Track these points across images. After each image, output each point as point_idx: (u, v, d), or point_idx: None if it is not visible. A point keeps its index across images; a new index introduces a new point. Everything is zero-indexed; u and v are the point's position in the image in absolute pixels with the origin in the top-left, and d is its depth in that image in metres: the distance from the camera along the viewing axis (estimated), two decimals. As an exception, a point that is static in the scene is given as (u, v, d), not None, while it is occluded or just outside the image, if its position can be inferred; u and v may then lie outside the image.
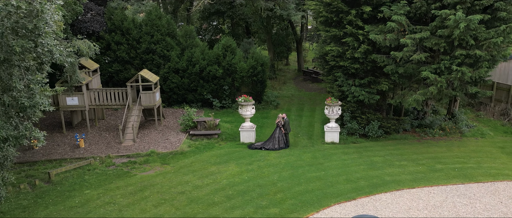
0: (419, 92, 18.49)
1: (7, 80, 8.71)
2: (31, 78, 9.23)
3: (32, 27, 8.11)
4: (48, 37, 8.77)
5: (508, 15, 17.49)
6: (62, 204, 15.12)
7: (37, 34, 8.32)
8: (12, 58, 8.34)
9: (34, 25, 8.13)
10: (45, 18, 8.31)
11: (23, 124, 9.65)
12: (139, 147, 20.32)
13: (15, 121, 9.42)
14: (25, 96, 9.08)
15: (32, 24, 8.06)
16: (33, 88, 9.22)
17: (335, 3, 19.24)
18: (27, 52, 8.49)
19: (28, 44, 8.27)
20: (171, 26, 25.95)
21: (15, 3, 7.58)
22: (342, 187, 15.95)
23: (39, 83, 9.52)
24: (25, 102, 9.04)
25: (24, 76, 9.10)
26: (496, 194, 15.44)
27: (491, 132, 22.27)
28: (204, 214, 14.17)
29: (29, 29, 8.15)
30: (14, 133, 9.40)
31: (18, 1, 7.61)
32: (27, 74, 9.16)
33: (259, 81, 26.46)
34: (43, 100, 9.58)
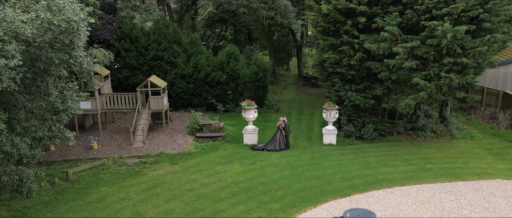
0: (410, 97, 19.85)
1: (44, 87, 10.07)
2: (64, 85, 10.60)
3: (68, 42, 9.48)
4: (79, 50, 10.14)
5: (492, 25, 18.86)
6: (81, 200, 16.47)
7: (71, 48, 9.70)
8: (51, 68, 9.70)
9: (70, 41, 9.50)
10: (80, 34, 9.70)
11: (56, 126, 11.04)
12: (148, 148, 21.67)
13: (49, 123, 10.77)
14: (59, 101, 10.44)
15: (68, 40, 9.43)
16: (66, 94, 10.58)
17: (332, 14, 20.64)
18: (63, 63, 9.86)
19: (65, 57, 9.64)
20: (177, 34, 27.37)
21: (57, 23, 8.96)
22: (338, 185, 17.28)
23: (70, 90, 10.89)
24: (59, 106, 10.40)
25: (57, 84, 10.46)
26: (480, 191, 16.76)
27: (480, 135, 23.60)
28: (212, 209, 15.51)
29: (65, 44, 9.53)
30: (48, 134, 10.76)
31: (59, 21, 8.98)
32: (61, 82, 10.52)
33: (261, 86, 27.85)
34: (73, 105, 10.96)
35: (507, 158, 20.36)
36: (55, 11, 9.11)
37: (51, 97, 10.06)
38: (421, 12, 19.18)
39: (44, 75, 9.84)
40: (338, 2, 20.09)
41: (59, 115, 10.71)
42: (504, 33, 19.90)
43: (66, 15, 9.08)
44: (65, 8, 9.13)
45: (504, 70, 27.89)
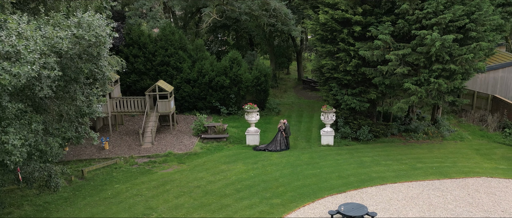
0: (402, 100, 21.25)
1: (73, 93, 11.45)
2: (89, 91, 11.99)
3: (96, 54, 10.88)
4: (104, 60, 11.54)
5: (478, 34, 20.29)
6: (97, 196, 17.86)
7: (98, 58, 11.09)
8: (80, 77, 11.08)
9: (97, 53, 10.89)
10: (105, 47, 11.09)
11: (82, 127, 12.42)
12: (157, 149, 23.07)
13: (75, 124, 12.15)
14: (85, 105, 11.83)
15: (96, 52, 10.83)
16: (91, 99, 11.97)
17: (330, 23, 22.06)
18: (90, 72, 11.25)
19: (92, 67, 11.02)
20: (183, 41, 28.80)
21: (87, 38, 10.34)
22: (335, 182, 18.67)
23: (95, 95, 12.29)
24: (86, 110, 11.79)
25: (84, 90, 11.85)
26: (466, 188, 18.14)
27: (470, 136, 24.99)
28: (218, 204, 16.89)
29: (93, 55, 10.92)
30: (75, 134, 12.14)
31: (89, 36, 10.36)
32: (86, 88, 11.90)
33: (263, 90, 29.26)
34: (98, 108, 12.36)
35: (494, 158, 21.75)
36: (85, 27, 10.52)
37: (78, 101, 11.46)
38: (412, 21, 20.60)
39: (73, 83, 11.22)
40: (335, 12, 21.51)
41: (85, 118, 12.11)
42: (490, 41, 21.28)
43: (95, 31, 10.49)
44: (94, 24, 10.54)
45: (493, 75, 29.38)
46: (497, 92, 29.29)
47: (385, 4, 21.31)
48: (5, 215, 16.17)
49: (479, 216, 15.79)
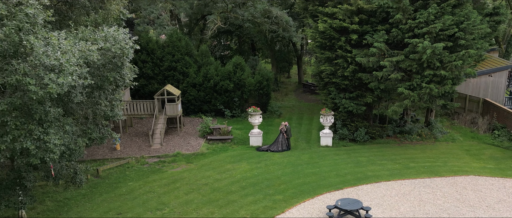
0: (396, 104, 22.69)
1: (98, 98, 12.87)
2: (112, 96, 13.42)
3: (120, 64, 12.31)
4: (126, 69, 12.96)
5: (466, 42, 21.73)
6: (113, 192, 19.29)
7: (121, 68, 12.52)
8: (105, 84, 12.51)
9: (121, 63, 12.32)
10: (128, 57, 12.52)
11: (105, 129, 13.84)
12: (166, 150, 24.51)
13: (99, 126, 13.56)
14: (109, 109, 13.25)
15: (120, 62, 12.26)
16: (114, 104, 13.39)
17: (328, 32, 23.52)
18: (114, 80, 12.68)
19: (116, 75, 12.45)
20: (189, 47, 30.28)
21: (113, 50, 11.75)
22: (333, 180, 20.09)
23: (117, 100, 13.72)
24: (109, 113, 13.21)
25: (107, 95, 13.27)
26: (454, 185, 19.56)
27: (461, 138, 26.41)
28: (225, 200, 18.32)
29: (118, 65, 12.35)
30: (99, 135, 13.56)
31: (115, 49, 11.77)
32: (109, 93, 13.33)
33: (265, 93, 30.71)
34: (119, 111, 13.77)
35: (482, 157, 23.17)
36: (111, 41, 11.93)
37: (102, 106, 12.88)
38: (405, 30, 22.05)
39: (98, 89, 12.64)
40: (333, 22, 22.97)
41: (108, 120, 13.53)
42: (478, 49, 22.71)
43: (119, 44, 11.91)
44: (118, 38, 11.95)
45: (485, 79, 30.84)
46: (488, 96, 30.72)
47: (380, 14, 22.75)
48: (29, 210, 17.59)
49: (465, 210, 17.20)
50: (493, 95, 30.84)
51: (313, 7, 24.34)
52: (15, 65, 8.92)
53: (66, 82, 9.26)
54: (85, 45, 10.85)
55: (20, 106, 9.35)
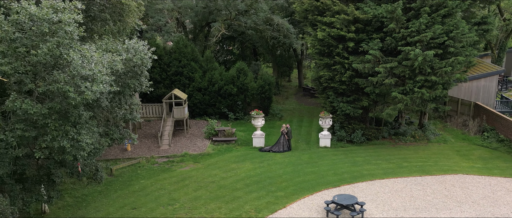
0: (390, 107, 24.22)
1: (119, 102, 14.39)
2: (131, 101, 14.95)
3: (140, 72, 13.83)
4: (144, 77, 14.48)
5: (456, 50, 23.27)
6: (126, 189, 20.81)
7: (141, 75, 14.02)
8: (125, 90, 14.02)
9: (141, 71, 13.83)
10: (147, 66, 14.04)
11: (124, 130, 15.36)
12: (174, 150, 26.03)
13: (119, 128, 15.08)
14: (128, 112, 14.76)
15: (140, 71, 13.77)
16: (133, 108, 14.91)
17: (327, 39, 25.07)
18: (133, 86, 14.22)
19: (136, 82, 13.96)
20: (194, 53, 31.84)
21: (135, 60, 13.28)
22: (330, 178, 21.61)
23: (136, 104, 15.24)
24: (129, 116, 14.72)
25: (126, 100, 14.80)
26: (443, 183, 21.07)
27: (453, 139, 27.92)
28: (231, 196, 19.84)
29: (138, 73, 13.86)
30: (119, 136, 15.08)
31: (137, 59, 13.30)
32: (129, 98, 14.86)
33: (267, 97, 32.25)
34: (137, 114, 15.30)
35: (471, 158, 24.68)
36: (132, 52, 13.47)
37: (122, 110, 14.41)
38: (398, 39, 23.60)
39: (120, 95, 14.17)
40: (331, 30, 24.52)
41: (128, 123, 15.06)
42: (467, 56, 24.24)
43: (140, 55, 13.44)
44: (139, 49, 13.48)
45: (476, 84, 32.40)
46: (480, 99, 32.25)
47: (375, 23, 24.29)
48: (50, 205, 19.10)
49: (452, 205, 18.71)
50: (484, 99, 32.36)
51: (312, 16, 25.89)
52: (56, 75, 10.41)
53: (98, 89, 10.75)
54: (111, 56, 12.38)
55: (59, 110, 10.84)
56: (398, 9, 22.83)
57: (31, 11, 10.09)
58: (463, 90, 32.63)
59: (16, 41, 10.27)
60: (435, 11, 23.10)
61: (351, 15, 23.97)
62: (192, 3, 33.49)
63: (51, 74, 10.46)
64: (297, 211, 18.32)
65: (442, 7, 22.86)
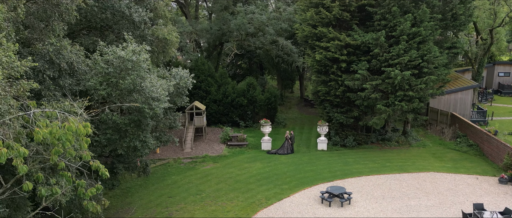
0: (375, 117, 29.29)
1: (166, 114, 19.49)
2: (174, 113, 20.04)
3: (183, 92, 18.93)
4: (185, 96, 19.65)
5: (429, 70, 28.35)
6: (161, 183, 25.88)
7: (183, 94, 19.11)
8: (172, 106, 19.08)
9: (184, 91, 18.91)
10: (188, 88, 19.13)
11: (167, 135, 20.43)
12: (196, 152, 31.12)
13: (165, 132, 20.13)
14: (172, 121, 19.82)
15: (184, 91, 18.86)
16: (175, 118, 19.97)
17: (323, 61, 30.20)
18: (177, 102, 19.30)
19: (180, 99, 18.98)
20: (210, 70, 37.04)
21: (181, 84, 18.39)
22: (326, 175, 26.63)
23: (177, 115, 20.31)
24: (173, 124, 19.76)
25: (171, 112, 19.87)
26: (417, 179, 26.05)
27: (431, 144, 32.92)
28: (245, 188, 24.86)
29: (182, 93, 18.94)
30: (166, 138, 20.11)
31: (182, 83, 18.43)
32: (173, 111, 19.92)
33: (272, 108, 37.36)
34: (178, 123, 20.36)
35: (444, 159, 29.66)
36: (178, 78, 18.57)
37: (168, 119, 19.47)
38: (382, 61, 28.72)
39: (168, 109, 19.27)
40: (327, 53, 29.66)
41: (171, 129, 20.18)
42: (439, 75, 29.30)
43: (184, 80, 18.53)
44: (184, 76, 18.58)
45: (454, 96, 37.48)
46: (457, 110, 37.29)
47: (363, 48, 29.42)
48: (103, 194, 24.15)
49: (421, 195, 23.70)
50: (461, 110, 37.41)
51: (311, 41, 31.06)
52: (135, 97, 15.47)
53: (162, 106, 15.75)
54: (166, 82, 17.48)
55: (135, 121, 15.84)
56: (381, 37, 27.99)
57: (119, 54, 15.14)
58: (442, 102, 37.69)
59: (109, 74, 15.33)
60: (411, 39, 28.23)
61: (343, 41, 29.14)
62: (208, 26, 38.76)
63: (131, 96, 15.52)
64: (298, 199, 23.35)
65: (417, 36, 28.00)
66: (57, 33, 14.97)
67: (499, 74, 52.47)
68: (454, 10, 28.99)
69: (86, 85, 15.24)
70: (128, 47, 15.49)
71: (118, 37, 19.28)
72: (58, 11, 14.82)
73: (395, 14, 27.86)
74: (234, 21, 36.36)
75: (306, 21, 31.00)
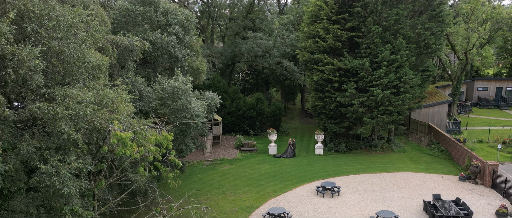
0: (362, 128, 35.89)
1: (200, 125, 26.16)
2: (205, 124, 26.67)
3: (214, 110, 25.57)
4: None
5: (405, 89, 34.97)
6: (189, 180, 32.46)
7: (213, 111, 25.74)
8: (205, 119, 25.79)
9: (213, 109, 25.52)
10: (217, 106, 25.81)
11: (200, 142, 27.00)
12: (214, 156, 37.72)
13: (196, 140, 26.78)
14: (204, 130, 26.42)
15: (213, 109, 25.49)
16: (206, 127, 26.61)
17: (320, 81, 36.86)
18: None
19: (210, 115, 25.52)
20: (225, 86, 43.76)
21: (212, 104, 24.96)
22: (321, 174, 33.18)
23: (207, 126, 26.90)
24: (204, 133, 26.31)
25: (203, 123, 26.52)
26: (394, 177, 32.56)
27: (410, 150, 39.44)
28: (257, 184, 31.39)
29: (211, 110, 25.58)
30: (199, 144, 26.64)
31: (212, 103, 25.02)
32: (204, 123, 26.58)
33: (277, 119, 44.00)
34: (209, 132, 26.82)
35: (419, 162, 36.17)
36: (209, 99, 25.17)
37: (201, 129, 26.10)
38: (367, 82, 35.37)
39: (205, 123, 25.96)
40: (322, 75, 36.33)
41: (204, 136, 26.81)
42: (413, 93, 35.88)
43: (214, 100, 25.15)
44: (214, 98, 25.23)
45: (432, 110, 44.08)
46: (435, 122, 43.84)
47: (352, 71, 36.09)
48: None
49: (395, 188, 30.20)
50: (438, 121, 43.98)
51: (310, 65, 37.76)
52: (184, 114, 22.00)
53: (202, 121, 22.26)
54: (203, 103, 24.10)
55: (183, 131, 22.39)
56: (366, 63, 34.67)
57: (173, 84, 21.73)
58: (422, 114, 44.28)
59: (165, 99, 21.92)
60: (391, 64, 34.89)
61: (336, 66, 35.83)
62: (222, 49, 45.58)
63: (181, 113, 22.09)
64: (299, 192, 29.89)
65: (395, 62, 34.67)
66: (130, 70, 21.72)
67: (478, 89, 59.02)
68: (426, 40, 35.70)
69: (150, 106, 21.89)
70: (178, 79, 22.18)
71: (165, 68, 26.04)
72: (131, 55, 21.57)
73: (377, 44, 34.58)
74: (245, 46, 43.17)
75: (306, 48, 37.77)
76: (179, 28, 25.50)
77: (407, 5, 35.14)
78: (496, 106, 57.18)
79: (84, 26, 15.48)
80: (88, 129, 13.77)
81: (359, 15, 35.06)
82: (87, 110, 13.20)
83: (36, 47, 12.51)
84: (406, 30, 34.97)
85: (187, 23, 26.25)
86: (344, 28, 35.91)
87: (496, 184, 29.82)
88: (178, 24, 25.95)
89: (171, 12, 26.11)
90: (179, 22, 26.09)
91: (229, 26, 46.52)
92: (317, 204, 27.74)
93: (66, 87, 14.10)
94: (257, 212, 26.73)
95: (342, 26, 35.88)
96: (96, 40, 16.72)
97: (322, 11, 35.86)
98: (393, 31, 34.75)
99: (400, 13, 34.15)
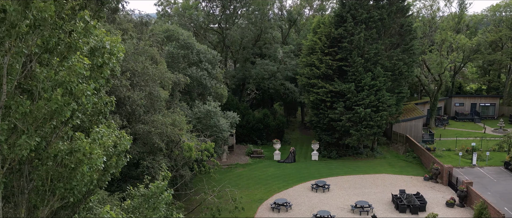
0: (349, 138, 44.69)
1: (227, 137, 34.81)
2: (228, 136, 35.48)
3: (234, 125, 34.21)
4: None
5: (383, 108, 43.79)
6: (211, 179, 41.21)
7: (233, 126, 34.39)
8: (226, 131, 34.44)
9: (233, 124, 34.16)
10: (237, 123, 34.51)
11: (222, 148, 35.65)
12: (229, 161, 46.49)
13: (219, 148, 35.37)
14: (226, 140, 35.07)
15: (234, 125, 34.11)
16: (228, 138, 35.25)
17: (315, 101, 45.69)
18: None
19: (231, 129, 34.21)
20: (237, 104, 52.66)
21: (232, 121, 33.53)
22: (316, 175, 41.89)
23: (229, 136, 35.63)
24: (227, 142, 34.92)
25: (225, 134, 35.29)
26: (373, 178, 41.23)
27: (389, 157, 48.13)
28: (265, 183, 40.09)
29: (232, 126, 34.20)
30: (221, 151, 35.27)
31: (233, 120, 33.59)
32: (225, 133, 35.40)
33: (281, 131, 52.83)
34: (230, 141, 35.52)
35: (395, 166, 44.85)
36: (231, 117, 33.91)
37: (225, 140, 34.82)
38: (353, 102, 44.19)
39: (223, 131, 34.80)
40: (317, 96, 45.18)
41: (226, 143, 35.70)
42: (390, 111, 44.63)
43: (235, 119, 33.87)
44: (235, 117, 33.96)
45: (410, 123, 52.91)
46: (412, 133, 52.58)
47: (341, 93, 44.94)
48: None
49: (374, 186, 38.87)
50: (415, 133, 52.71)
51: (307, 88, 46.65)
52: (214, 129, 30.68)
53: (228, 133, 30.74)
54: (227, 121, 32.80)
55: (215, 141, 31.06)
56: (352, 87, 43.56)
57: (207, 108, 30.42)
58: (402, 127, 53.03)
59: (200, 118, 30.64)
60: (371, 88, 43.72)
61: (328, 89, 44.72)
62: (234, 73, 54.57)
63: (212, 129, 30.79)
64: (298, 188, 38.61)
65: (375, 86, 43.52)
66: (177, 98, 30.66)
67: (455, 104, 67.75)
68: (400, 69, 44.60)
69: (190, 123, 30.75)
70: (211, 103, 31.05)
71: (198, 93, 34.93)
72: (178, 87, 30.50)
73: (360, 72, 43.50)
74: (254, 70, 52.17)
75: (304, 74, 46.75)
76: (208, 64, 34.50)
77: (385, 40, 44.14)
78: (470, 119, 65.76)
79: (158, 74, 24.43)
80: (167, 141, 22.56)
81: (346, 49, 44.07)
82: (167, 129, 22.00)
83: (141, 92, 21.40)
84: (384, 61, 43.93)
85: (214, 60, 35.24)
86: (335, 59, 44.89)
87: (451, 182, 38.52)
88: (207, 61, 34.96)
89: (202, 52, 35.12)
90: (208, 59, 35.09)
91: (240, 52, 55.58)
92: (312, 197, 36.47)
93: (150, 114, 22.98)
94: (266, 203, 35.48)
95: (333, 57, 44.87)
96: (161, 81, 25.67)
97: (317, 46, 44.93)
98: (373, 61, 43.71)
99: (379, 48, 43.13)
